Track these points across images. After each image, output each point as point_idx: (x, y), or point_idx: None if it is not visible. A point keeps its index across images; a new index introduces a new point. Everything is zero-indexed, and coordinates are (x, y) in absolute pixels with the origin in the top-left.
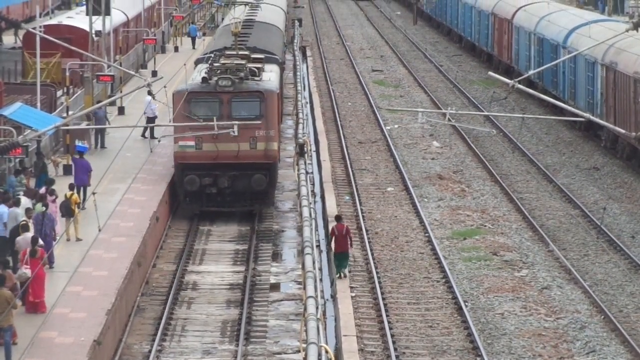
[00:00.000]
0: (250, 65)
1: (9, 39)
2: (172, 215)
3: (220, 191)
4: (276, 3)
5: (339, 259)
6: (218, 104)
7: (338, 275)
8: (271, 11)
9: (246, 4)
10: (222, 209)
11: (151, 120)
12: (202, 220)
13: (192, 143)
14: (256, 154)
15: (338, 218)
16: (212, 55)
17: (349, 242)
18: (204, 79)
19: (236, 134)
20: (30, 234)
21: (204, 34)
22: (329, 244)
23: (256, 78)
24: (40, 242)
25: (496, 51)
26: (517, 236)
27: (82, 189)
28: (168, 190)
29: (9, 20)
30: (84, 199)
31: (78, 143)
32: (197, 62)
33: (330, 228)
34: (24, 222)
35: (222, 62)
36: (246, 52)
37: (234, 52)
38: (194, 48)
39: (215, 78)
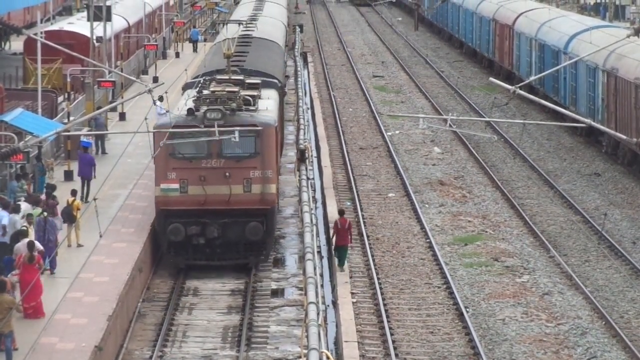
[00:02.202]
0: (244, 92)
1: (16, 44)
2: None
3: (209, 242)
4: (276, 16)
5: (340, 252)
6: (206, 140)
7: (340, 266)
8: (271, 25)
9: (240, 23)
10: (211, 262)
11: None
12: None
13: (176, 186)
14: (251, 199)
15: (341, 212)
16: (202, 79)
17: (350, 237)
18: (189, 111)
19: (237, 139)
20: (27, 239)
21: (205, 39)
22: (331, 237)
23: (251, 108)
24: (38, 247)
25: (497, 57)
26: (518, 242)
27: (86, 182)
28: None
29: (10, 25)
30: (88, 192)
31: (83, 139)
32: (185, 87)
33: (333, 222)
34: (24, 228)
35: (212, 89)
36: (240, 77)
37: (226, 77)
38: (195, 51)
39: (204, 109)
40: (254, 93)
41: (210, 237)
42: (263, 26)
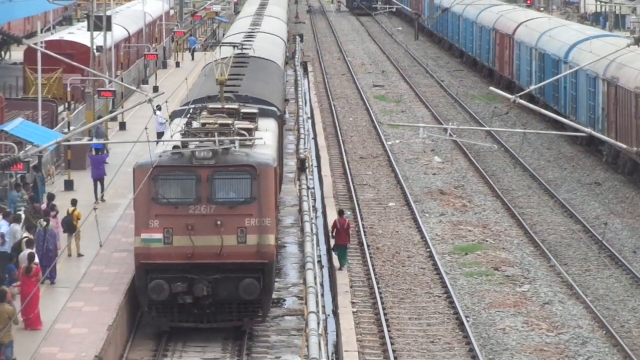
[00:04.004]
0: (239, 124)
1: (16, 54)
2: None
3: (198, 301)
4: (275, 31)
5: (340, 252)
6: (194, 182)
7: (339, 267)
8: (270, 42)
9: (234, 45)
10: (199, 325)
11: (161, 135)
12: None
13: (159, 236)
14: (246, 251)
15: (340, 212)
16: (191, 108)
17: (349, 237)
18: (175, 149)
19: (237, 148)
20: (28, 251)
21: (205, 49)
22: (331, 237)
23: (247, 143)
24: (36, 259)
25: (497, 66)
26: (519, 251)
27: (99, 182)
28: None
29: (11, 35)
30: (103, 190)
31: (94, 140)
32: (173, 115)
33: (331, 220)
34: (28, 238)
35: (203, 120)
36: (235, 105)
37: (219, 106)
38: (192, 59)
39: (192, 146)
40: (250, 126)
41: (199, 295)
42: (261, 43)
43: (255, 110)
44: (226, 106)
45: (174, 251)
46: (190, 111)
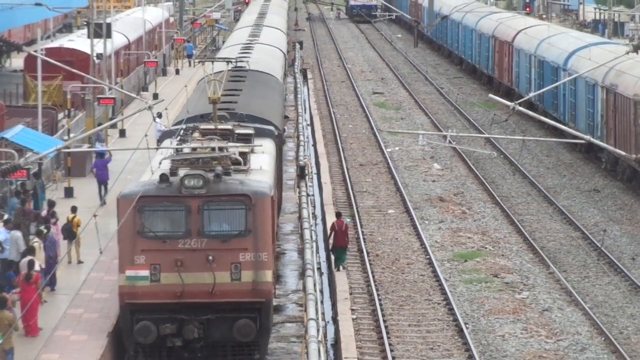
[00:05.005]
0: (234, 146)
1: (16, 61)
2: None
3: (188, 344)
4: (274, 43)
5: (338, 253)
6: (184, 214)
7: (337, 268)
8: (269, 55)
9: (228, 61)
10: None
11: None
12: None
13: (145, 273)
14: (240, 289)
15: (338, 215)
16: (182, 129)
17: (347, 238)
18: (162, 177)
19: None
20: (29, 258)
21: (205, 57)
22: (328, 238)
23: (242, 168)
24: (37, 266)
25: (497, 73)
26: (518, 258)
27: (102, 185)
28: None
29: (11, 43)
30: (106, 193)
31: (98, 145)
32: (162, 137)
33: (330, 223)
34: (35, 244)
35: (193, 144)
36: (229, 126)
37: (212, 127)
38: (190, 65)
39: (181, 175)
40: (245, 150)
41: (189, 338)
42: (259, 56)
43: (251, 131)
44: (219, 127)
45: (162, 290)
46: (181, 133)
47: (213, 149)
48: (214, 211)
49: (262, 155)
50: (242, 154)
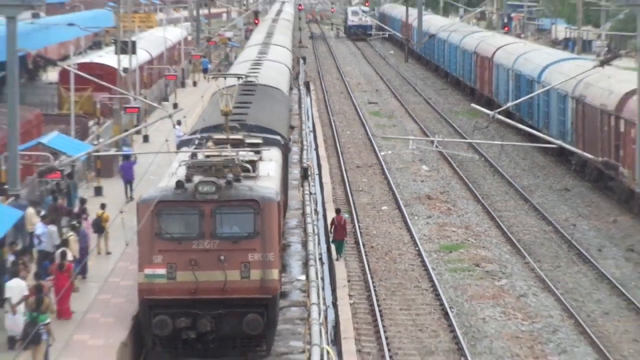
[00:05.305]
0: (244, 154)
1: (52, 75)
2: None
3: (201, 336)
4: (281, 60)
5: (338, 245)
6: (198, 217)
7: (336, 258)
8: (276, 70)
9: (239, 77)
10: (203, 359)
11: (180, 146)
12: None
13: (162, 271)
14: (249, 287)
15: (338, 211)
16: (198, 138)
17: (345, 232)
18: (178, 184)
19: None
20: (62, 249)
21: (220, 71)
22: (329, 232)
23: (251, 175)
24: (70, 257)
25: (478, 85)
26: (497, 250)
27: (128, 185)
28: None
29: (47, 58)
30: (132, 191)
31: (124, 148)
32: (180, 145)
33: (330, 218)
34: (71, 237)
35: (207, 153)
36: (240, 136)
37: (224, 137)
38: (205, 78)
39: (195, 181)
40: (254, 158)
41: (203, 331)
42: (267, 72)
43: (259, 141)
44: (231, 137)
45: (177, 287)
46: (197, 142)
47: (227, 156)
48: (225, 215)
49: (270, 163)
50: (251, 162)
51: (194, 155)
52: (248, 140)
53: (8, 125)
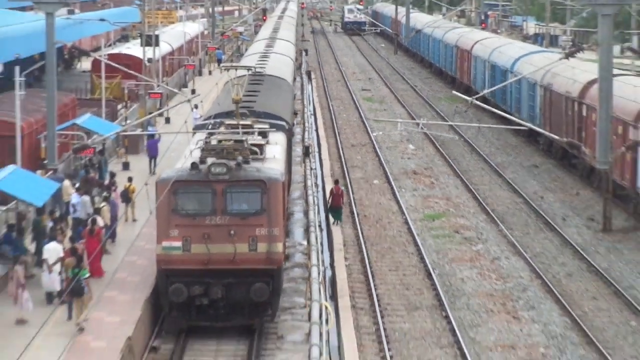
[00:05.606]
0: (252, 139)
1: (85, 64)
2: None
3: (213, 303)
4: (285, 52)
5: (335, 212)
6: (210, 195)
7: (334, 222)
8: (281, 62)
9: (249, 68)
10: (214, 323)
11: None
12: None
13: (178, 244)
14: (256, 258)
15: (336, 181)
16: (211, 123)
17: (342, 200)
18: (193, 165)
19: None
20: (93, 217)
21: (232, 61)
22: (327, 200)
23: (259, 157)
24: (99, 223)
25: (458, 75)
26: (474, 218)
27: (153, 160)
28: None
29: (81, 49)
30: (155, 166)
31: (149, 128)
32: (196, 128)
33: (329, 188)
34: (104, 207)
35: (220, 137)
36: (248, 122)
37: (235, 122)
38: (219, 67)
39: (208, 163)
40: (262, 142)
41: (214, 298)
42: (274, 63)
43: (266, 126)
44: (241, 122)
45: (191, 258)
46: (210, 126)
47: (236, 141)
48: (235, 193)
49: (276, 146)
50: (259, 145)
51: (207, 139)
52: (256, 126)
53: (47, 108)
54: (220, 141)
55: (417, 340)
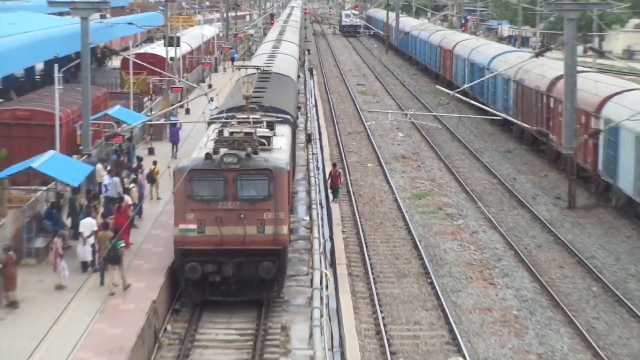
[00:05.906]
0: (261, 132)
1: (115, 62)
2: None
3: (225, 280)
4: (291, 53)
5: (334, 191)
6: (223, 183)
7: (333, 200)
8: (286, 61)
9: (258, 68)
10: (226, 298)
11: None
12: None
13: (194, 227)
14: (264, 240)
15: (334, 165)
16: (225, 116)
17: (339, 181)
18: (207, 156)
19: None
20: (121, 196)
21: (244, 60)
22: (327, 180)
23: (267, 148)
24: (127, 201)
25: (442, 72)
26: (456, 197)
27: (175, 146)
28: None
29: (112, 50)
30: (177, 151)
31: (172, 118)
32: (211, 122)
33: (329, 171)
34: (133, 188)
35: (232, 130)
36: (258, 116)
37: (246, 117)
38: (232, 66)
39: (221, 154)
40: (269, 134)
41: (226, 275)
42: (280, 62)
43: (274, 120)
44: (252, 116)
45: (206, 239)
46: (224, 119)
47: (246, 134)
48: (245, 181)
49: (282, 138)
50: (266, 137)
51: (221, 131)
52: (264, 119)
53: (82, 101)
54: (232, 133)
55: (406, 303)
